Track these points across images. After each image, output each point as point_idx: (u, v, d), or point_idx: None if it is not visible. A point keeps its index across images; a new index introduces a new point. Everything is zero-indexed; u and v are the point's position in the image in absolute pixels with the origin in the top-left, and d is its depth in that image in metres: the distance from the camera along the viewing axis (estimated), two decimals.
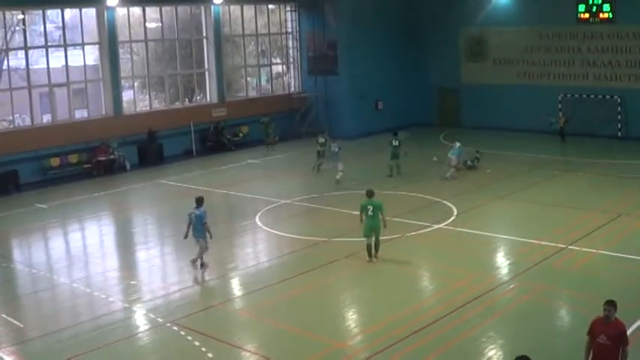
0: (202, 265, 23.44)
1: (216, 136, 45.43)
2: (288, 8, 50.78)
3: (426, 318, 19.00)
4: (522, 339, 17.76)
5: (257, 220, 29.23)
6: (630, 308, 19.05)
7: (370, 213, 23.49)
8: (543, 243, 25.09)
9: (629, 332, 17.25)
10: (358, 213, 24.05)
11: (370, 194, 23.94)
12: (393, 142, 36.62)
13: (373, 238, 23.81)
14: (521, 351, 12.35)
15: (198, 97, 48.18)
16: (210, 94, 47.17)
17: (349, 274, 23.25)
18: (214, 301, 21.11)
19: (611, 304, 13.28)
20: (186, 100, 47.32)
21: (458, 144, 35.74)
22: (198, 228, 23.08)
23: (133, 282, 23.17)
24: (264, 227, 28.34)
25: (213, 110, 46.10)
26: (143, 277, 24.03)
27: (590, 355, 13.42)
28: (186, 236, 23.50)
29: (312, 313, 19.91)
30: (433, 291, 22.14)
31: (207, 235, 23.10)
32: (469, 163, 37.09)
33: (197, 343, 17.96)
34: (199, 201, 23.47)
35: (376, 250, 23.96)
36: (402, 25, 52.10)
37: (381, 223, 23.64)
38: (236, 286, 22.81)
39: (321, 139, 38.73)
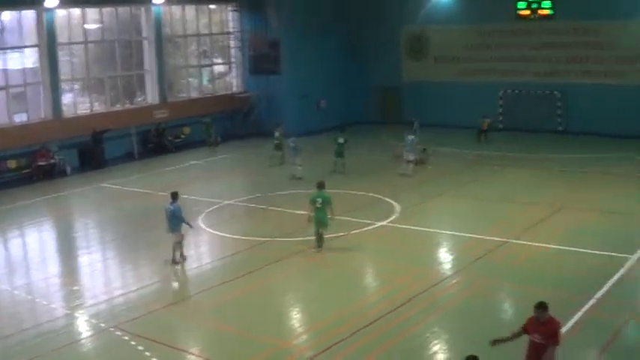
0: (182, 256, 24.22)
1: (158, 138, 45.10)
2: (230, 8, 50.57)
3: (370, 315, 19.04)
4: (466, 333, 17.87)
5: (200, 221, 29.01)
6: (573, 299, 19.46)
7: (319, 205, 24.18)
8: (486, 238, 25.33)
9: (572, 322, 17.72)
10: (303, 212, 24.21)
11: (320, 186, 24.77)
12: (339, 139, 36.91)
13: (321, 230, 24.55)
14: (466, 345, 12.45)
15: (139, 99, 47.73)
16: (151, 95, 46.78)
17: (293, 273, 23.26)
18: (158, 304, 20.83)
19: (539, 307, 13.24)
20: (127, 101, 46.88)
21: (411, 137, 35.84)
22: (173, 222, 23.99)
23: (75, 287, 22.89)
24: (207, 229, 28.14)
25: (154, 112, 45.68)
26: (85, 283, 23.66)
27: (527, 350, 13.48)
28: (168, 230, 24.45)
29: (256, 314, 19.80)
30: (377, 288, 22.21)
31: (186, 226, 24.37)
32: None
33: (141, 348, 17.79)
34: (174, 196, 24.30)
35: (319, 243, 24.67)
36: (343, 24, 52.19)
37: (327, 217, 24.30)
38: (179, 289, 22.67)
39: (276, 134, 39.06)
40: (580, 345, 17.28)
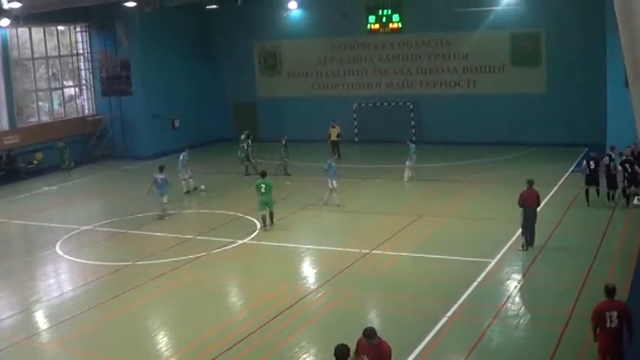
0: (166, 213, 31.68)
1: (10, 165, 43.73)
2: (79, 29, 49.58)
3: (239, 333, 18.92)
4: (334, 345, 17.87)
5: (57, 249, 28.25)
6: (438, 305, 19.83)
7: (263, 190, 28.61)
8: (348, 250, 25.58)
9: (438, 326, 18.25)
10: (163, 234, 23.83)
11: (263, 175, 29.52)
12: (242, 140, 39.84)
13: (267, 211, 28.84)
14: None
15: None
16: (0, 121, 45.35)
17: (157, 296, 22.88)
18: (19, 336, 20.02)
19: (367, 336, 12.85)
20: None
21: (330, 162, 33.27)
22: (164, 188, 31.46)
23: None
24: (65, 256, 27.39)
25: (4, 138, 44.31)
26: None
27: None
28: (149, 193, 31.90)
29: (122, 339, 19.39)
30: (243, 306, 22.07)
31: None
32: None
33: None
34: (162, 168, 32.30)
35: (271, 220, 29.06)
36: (195, 41, 52.12)
37: (272, 198, 28.88)
38: (41, 319, 21.88)
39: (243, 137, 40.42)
40: (447, 349, 17.60)
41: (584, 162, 30.95)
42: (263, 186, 28.70)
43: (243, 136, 40.19)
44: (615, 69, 33.95)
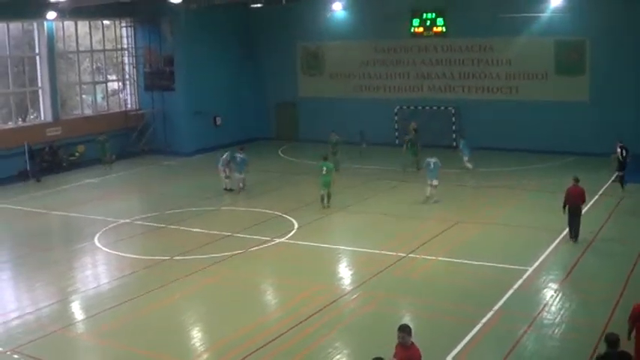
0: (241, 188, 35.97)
1: (52, 156, 44.14)
2: (124, 24, 49.99)
3: (272, 332, 18.98)
4: (368, 347, 17.87)
5: (96, 241, 28.53)
6: (472, 311, 19.78)
7: (324, 172, 31.86)
8: (384, 252, 25.54)
9: (472, 333, 18.10)
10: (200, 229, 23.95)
11: (325, 158, 33.23)
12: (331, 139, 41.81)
13: (326, 191, 32.01)
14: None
15: (32, 117, 46.63)
16: (44, 112, 45.79)
17: (192, 292, 22.99)
18: (56, 325, 20.30)
19: (403, 330, 13.28)
20: (20, 119, 45.78)
21: (433, 160, 33.55)
22: (242, 166, 35.84)
23: None
24: (103, 248, 27.66)
25: (47, 130, 44.74)
26: None
27: None
28: (225, 171, 36.38)
29: (157, 334, 19.54)
30: (278, 304, 22.15)
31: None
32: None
33: None
34: (243, 148, 37.06)
35: (328, 200, 32.25)
36: (239, 39, 52.31)
37: (332, 179, 32.04)
38: (77, 310, 22.12)
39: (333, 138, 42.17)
40: (481, 356, 17.54)
41: (619, 150, 33.83)
42: (324, 168, 32.00)
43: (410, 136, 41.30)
44: None
